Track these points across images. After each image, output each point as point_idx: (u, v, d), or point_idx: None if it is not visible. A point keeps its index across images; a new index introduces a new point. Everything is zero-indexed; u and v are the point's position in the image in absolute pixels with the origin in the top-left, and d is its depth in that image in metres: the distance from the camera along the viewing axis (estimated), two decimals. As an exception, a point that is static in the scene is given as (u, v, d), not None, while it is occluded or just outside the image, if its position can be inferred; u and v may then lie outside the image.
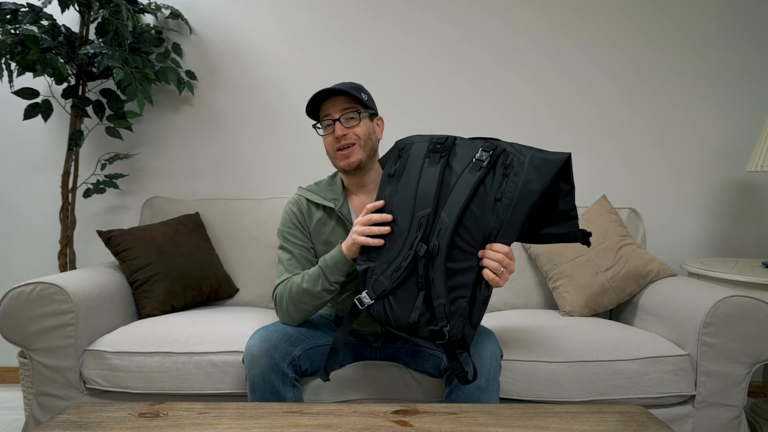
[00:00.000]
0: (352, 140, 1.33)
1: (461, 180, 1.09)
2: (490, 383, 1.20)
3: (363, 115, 1.35)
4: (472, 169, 1.08)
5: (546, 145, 2.27)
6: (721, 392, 1.44)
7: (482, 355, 1.21)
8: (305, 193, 1.44)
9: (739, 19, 2.21)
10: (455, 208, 1.07)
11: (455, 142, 1.14)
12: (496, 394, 1.22)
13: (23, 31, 1.71)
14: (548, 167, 1.05)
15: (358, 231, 1.18)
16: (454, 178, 1.10)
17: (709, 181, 2.26)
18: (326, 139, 1.37)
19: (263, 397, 1.22)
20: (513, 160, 1.07)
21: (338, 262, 1.25)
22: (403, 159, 1.17)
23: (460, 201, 1.07)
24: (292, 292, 1.30)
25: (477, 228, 1.08)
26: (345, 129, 1.33)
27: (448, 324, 1.07)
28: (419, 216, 1.10)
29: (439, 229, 1.08)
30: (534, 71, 2.25)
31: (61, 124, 2.28)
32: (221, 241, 2.03)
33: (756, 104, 2.23)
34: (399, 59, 2.26)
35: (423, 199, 1.10)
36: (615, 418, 1.02)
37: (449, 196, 1.09)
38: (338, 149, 1.34)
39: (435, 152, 1.14)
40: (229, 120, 2.29)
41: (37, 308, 1.45)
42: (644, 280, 1.75)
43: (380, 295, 1.13)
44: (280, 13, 2.26)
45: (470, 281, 1.08)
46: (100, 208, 2.31)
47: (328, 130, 1.35)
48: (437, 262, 1.07)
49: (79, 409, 1.05)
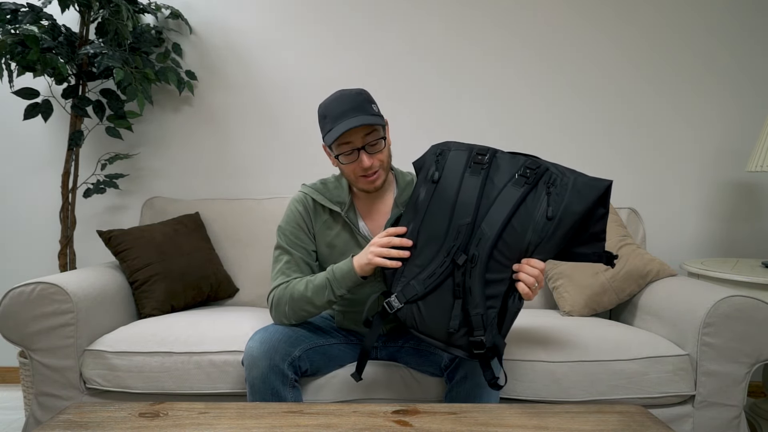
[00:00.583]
0: (376, 168, 1.28)
1: (504, 193, 1.11)
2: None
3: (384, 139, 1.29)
4: (515, 184, 1.11)
5: (546, 145, 2.27)
6: (721, 392, 1.44)
7: None
8: (311, 192, 1.39)
9: (738, 19, 2.21)
10: (497, 220, 1.09)
11: (496, 155, 1.16)
12: (497, 392, 1.22)
13: (23, 31, 1.71)
14: (591, 192, 1.08)
15: (375, 252, 1.16)
16: (495, 191, 1.12)
17: (709, 181, 2.26)
18: (346, 166, 1.28)
19: (263, 398, 1.22)
20: (556, 180, 1.10)
21: (347, 277, 1.23)
22: (440, 163, 1.17)
23: (503, 214, 1.09)
24: (294, 297, 1.28)
25: (515, 242, 1.10)
26: (371, 158, 1.26)
27: (485, 334, 1.08)
28: (458, 224, 1.11)
29: (479, 239, 1.09)
30: (534, 73, 2.25)
31: (61, 124, 2.28)
32: (221, 241, 2.03)
33: (756, 104, 2.23)
34: (399, 59, 2.26)
35: (463, 208, 1.12)
36: (615, 418, 1.02)
37: (491, 207, 1.10)
38: (363, 175, 1.28)
39: (477, 163, 1.14)
40: (229, 120, 2.29)
41: (37, 308, 1.45)
42: (644, 280, 1.75)
43: (411, 299, 1.13)
44: (280, 13, 2.26)
45: (502, 292, 1.11)
46: (100, 208, 2.31)
47: (350, 158, 1.26)
48: (475, 272, 1.09)
49: (79, 409, 1.05)
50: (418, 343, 1.39)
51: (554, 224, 1.08)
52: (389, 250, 1.15)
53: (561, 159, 2.27)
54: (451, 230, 1.11)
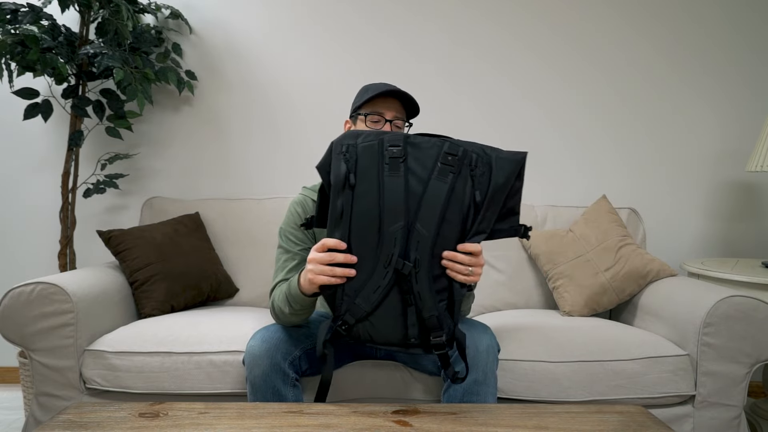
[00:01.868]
0: None
1: (431, 188, 1.05)
2: (487, 376, 1.20)
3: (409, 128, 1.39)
4: (440, 175, 1.05)
5: (546, 145, 2.27)
6: (721, 392, 1.44)
7: (479, 349, 1.21)
8: (311, 194, 1.42)
9: (738, 19, 2.21)
10: (431, 217, 1.04)
11: (408, 141, 1.07)
12: (494, 387, 1.22)
13: (23, 31, 1.71)
14: (512, 166, 1.07)
15: (317, 270, 1.06)
16: (420, 186, 1.05)
17: (709, 181, 2.26)
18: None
19: (264, 398, 1.22)
20: (477, 161, 1.06)
21: (297, 294, 1.19)
22: (350, 163, 1.07)
23: (435, 209, 1.04)
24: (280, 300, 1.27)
25: (452, 233, 1.06)
26: None
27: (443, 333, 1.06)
28: (391, 231, 1.04)
29: (417, 242, 1.04)
30: (534, 73, 2.25)
31: (61, 124, 2.28)
32: (221, 241, 2.03)
33: (756, 104, 2.23)
34: (399, 60, 2.26)
35: (391, 213, 1.04)
36: (615, 418, 1.02)
37: (420, 205, 1.04)
38: None
39: (393, 158, 1.06)
40: (229, 120, 2.29)
41: (37, 308, 1.45)
42: (644, 280, 1.75)
43: (360, 318, 1.07)
44: (280, 13, 2.26)
45: (446, 285, 1.07)
46: (100, 208, 2.31)
47: (376, 125, 1.33)
48: (422, 276, 1.04)
49: (79, 409, 1.05)
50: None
51: (485, 205, 1.05)
52: (333, 268, 1.05)
53: (561, 159, 2.27)
54: (385, 239, 1.04)
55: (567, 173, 2.28)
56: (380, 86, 1.33)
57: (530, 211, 2.02)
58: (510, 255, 1.96)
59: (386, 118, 1.33)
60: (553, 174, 2.28)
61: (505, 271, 1.94)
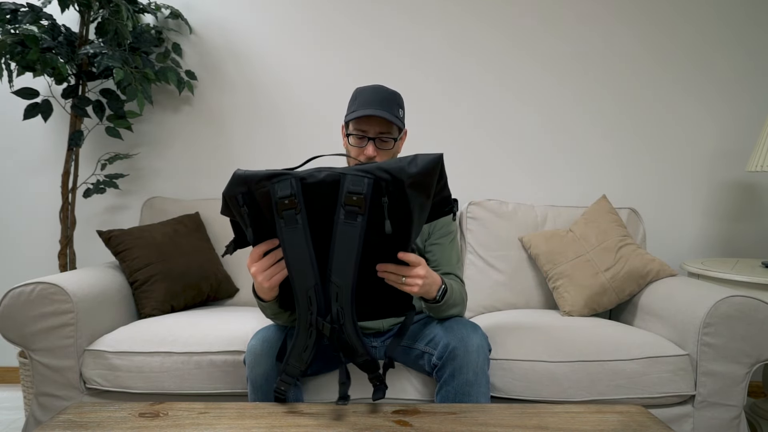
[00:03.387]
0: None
1: (340, 234, 0.94)
2: (478, 377, 1.20)
3: (396, 142, 1.34)
4: (347, 219, 0.94)
5: (545, 145, 2.27)
6: (721, 392, 1.44)
7: (469, 350, 1.20)
8: None
9: (738, 19, 2.21)
10: (346, 269, 0.95)
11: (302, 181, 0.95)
12: (486, 387, 1.22)
13: (23, 31, 1.71)
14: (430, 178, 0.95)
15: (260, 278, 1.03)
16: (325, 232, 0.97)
17: (709, 181, 2.26)
18: (352, 147, 1.34)
19: (265, 397, 1.22)
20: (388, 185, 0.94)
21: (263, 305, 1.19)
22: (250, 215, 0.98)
23: (350, 260, 0.95)
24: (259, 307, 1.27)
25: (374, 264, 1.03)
26: (377, 151, 1.31)
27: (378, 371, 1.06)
28: (304, 290, 0.96)
29: (336, 294, 0.96)
30: (532, 76, 2.25)
31: (61, 124, 2.28)
32: (221, 241, 2.03)
33: (756, 104, 2.23)
34: (400, 60, 2.26)
35: (300, 275, 0.96)
36: (615, 418, 1.02)
37: (333, 256, 0.95)
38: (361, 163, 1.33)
39: (287, 209, 0.94)
40: (229, 120, 2.29)
41: (37, 308, 1.45)
42: (644, 280, 1.75)
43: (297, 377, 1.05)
44: (280, 14, 2.26)
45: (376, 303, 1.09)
46: (100, 208, 2.31)
47: (359, 142, 1.32)
48: (347, 326, 0.98)
49: (79, 409, 1.05)
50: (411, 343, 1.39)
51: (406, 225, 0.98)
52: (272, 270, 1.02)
53: (560, 160, 2.27)
54: (300, 300, 0.97)
55: (567, 173, 2.28)
56: (365, 100, 1.29)
57: (530, 211, 2.02)
58: (510, 255, 1.96)
59: (369, 136, 1.31)
60: (553, 174, 2.28)
61: (505, 271, 1.94)
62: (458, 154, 2.28)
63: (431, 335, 1.32)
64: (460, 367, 1.20)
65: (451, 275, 1.40)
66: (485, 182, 2.29)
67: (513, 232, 1.98)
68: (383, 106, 1.29)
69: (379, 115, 1.26)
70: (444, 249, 1.42)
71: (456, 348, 1.20)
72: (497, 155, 2.28)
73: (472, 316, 1.91)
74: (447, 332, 1.25)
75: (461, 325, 1.28)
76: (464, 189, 2.28)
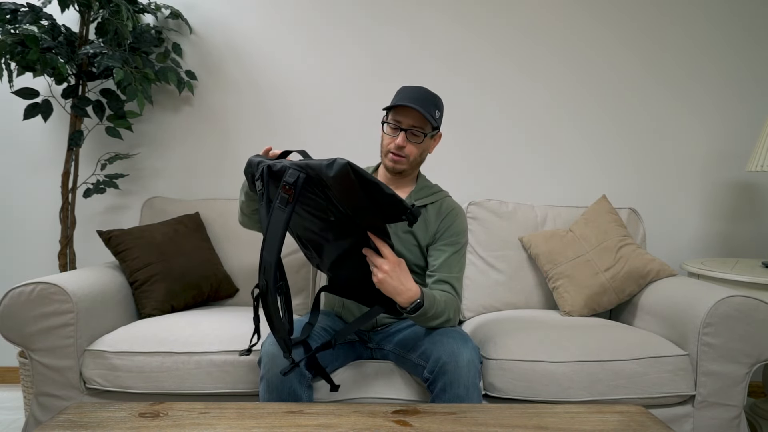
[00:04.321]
0: (405, 154, 1.40)
1: (274, 217, 1.08)
2: (469, 391, 1.20)
3: (426, 137, 1.41)
4: (281, 204, 1.07)
5: (545, 145, 2.27)
6: (721, 392, 1.44)
7: (459, 364, 1.20)
8: None
9: (738, 19, 2.21)
10: (273, 247, 1.07)
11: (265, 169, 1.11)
12: (478, 400, 1.21)
13: (23, 31, 1.71)
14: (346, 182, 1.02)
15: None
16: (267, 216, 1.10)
17: (709, 181, 2.26)
18: (386, 135, 1.43)
19: (279, 397, 1.22)
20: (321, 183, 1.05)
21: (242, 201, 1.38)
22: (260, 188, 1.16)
23: (275, 240, 1.06)
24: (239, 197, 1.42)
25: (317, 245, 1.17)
26: (406, 142, 1.39)
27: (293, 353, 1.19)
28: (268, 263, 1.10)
29: (264, 268, 1.07)
30: (533, 71, 2.25)
31: (61, 124, 2.28)
32: (221, 241, 2.03)
33: (756, 104, 2.23)
34: (400, 60, 2.26)
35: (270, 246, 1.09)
36: (615, 418, 1.02)
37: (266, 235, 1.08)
38: (391, 152, 1.41)
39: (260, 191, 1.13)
40: (229, 120, 2.29)
41: (37, 308, 1.45)
42: (644, 280, 1.75)
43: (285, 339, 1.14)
44: (280, 13, 2.26)
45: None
46: (100, 208, 2.31)
47: (393, 131, 1.40)
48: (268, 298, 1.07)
49: (79, 409, 1.05)
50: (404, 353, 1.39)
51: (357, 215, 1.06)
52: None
53: (560, 160, 2.27)
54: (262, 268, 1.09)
55: (567, 173, 2.28)
56: (406, 95, 1.37)
57: (530, 211, 2.02)
58: (510, 255, 1.96)
59: (402, 127, 1.38)
60: (553, 174, 2.28)
61: (505, 271, 1.94)
62: (458, 154, 2.28)
63: (422, 347, 1.31)
64: (451, 382, 1.20)
65: (445, 284, 1.36)
66: (485, 182, 2.29)
67: (513, 232, 1.98)
68: (420, 103, 1.35)
69: (413, 107, 1.33)
70: (444, 255, 1.39)
71: (447, 363, 1.20)
72: (497, 155, 2.28)
73: (472, 316, 1.91)
74: (437, 346, 1.25)
75: (451, 337, 1.25)
76: (464, 189, 2.28)
